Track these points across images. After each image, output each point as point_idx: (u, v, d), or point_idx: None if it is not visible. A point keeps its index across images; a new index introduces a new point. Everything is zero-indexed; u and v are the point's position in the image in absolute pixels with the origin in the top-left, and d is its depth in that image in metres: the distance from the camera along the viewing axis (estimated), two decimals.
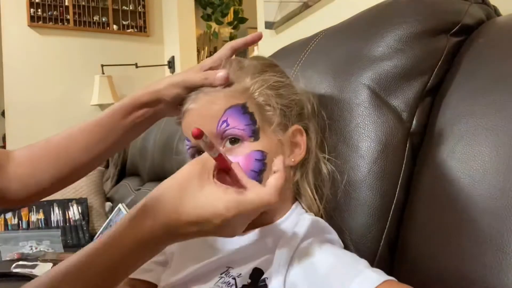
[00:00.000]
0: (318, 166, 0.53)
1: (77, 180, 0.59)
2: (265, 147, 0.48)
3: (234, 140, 0.48)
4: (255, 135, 0.48)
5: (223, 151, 0.43)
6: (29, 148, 0.57)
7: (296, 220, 0.49)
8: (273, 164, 0.43)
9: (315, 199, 0.52)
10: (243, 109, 0.48)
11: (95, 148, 0.56)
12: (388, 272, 0.41)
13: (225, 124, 0.47)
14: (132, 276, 0.58)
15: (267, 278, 0.44)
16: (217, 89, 0.50)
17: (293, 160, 0.51)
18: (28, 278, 1.18)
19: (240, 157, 0.47)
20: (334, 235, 0.49)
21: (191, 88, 0.52)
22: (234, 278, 0.45)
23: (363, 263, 0.42)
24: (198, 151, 0.51)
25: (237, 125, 0.47)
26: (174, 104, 0.55)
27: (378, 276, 0.39)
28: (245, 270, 0.46)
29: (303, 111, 0.54)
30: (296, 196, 0.53)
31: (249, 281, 0.44)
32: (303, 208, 0.52)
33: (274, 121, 0.50)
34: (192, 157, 0.52)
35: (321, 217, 0.52)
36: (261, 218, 0.49)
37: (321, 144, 0.55)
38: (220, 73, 0.50)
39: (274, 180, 0.40)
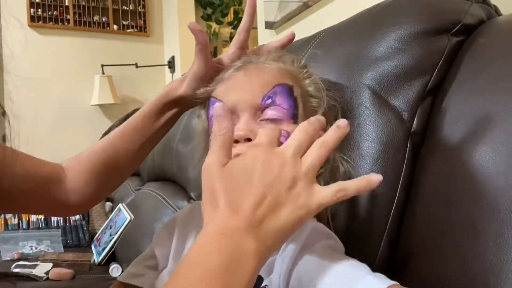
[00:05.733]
0: (335, 167, 0.52)
1: (122, 182, 0.66)
2: None
3: (273, 121, 0.47)
4: (295, 118, 0.48)
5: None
6: (77, 160, 0.61)
7: None
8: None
9: None
10: (290, 90, 0.48)
11: (136, 152, 0.61)
12: (389, 272, 0.40)
13: (270, 100, 0.47)
14: (122, 280, 0.58)
15: (267, 286, 0.43)
16: (268, 62, 0.50)
17: None
18: (28, 278, 1.18)
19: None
20: (335, 240, 0.48)
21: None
22: None
23: (365, 269, 0.41)
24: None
25: (281, 103, 0.47)
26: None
27: (380, 282, 0.38)
28: None
29: (337, 115, 0.54)
30: None
31: None
32: None
33: (316, 113, 0.49)
34: (211, 127, 0.50)
35: (327, 218, 0.51)
36: None
37: (341, 145, 0.54)
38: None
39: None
